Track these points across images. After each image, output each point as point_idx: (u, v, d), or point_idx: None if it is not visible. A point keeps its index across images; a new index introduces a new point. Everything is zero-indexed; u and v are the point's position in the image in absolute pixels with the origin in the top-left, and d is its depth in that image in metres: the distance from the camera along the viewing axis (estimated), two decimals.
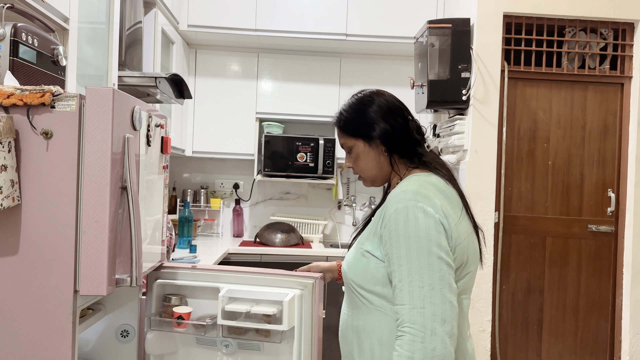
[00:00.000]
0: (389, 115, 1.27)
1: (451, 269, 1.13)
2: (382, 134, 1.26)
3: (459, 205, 1.23)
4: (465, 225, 1.22)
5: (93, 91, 1.31)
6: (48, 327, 1.31)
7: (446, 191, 1.22)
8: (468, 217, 1.24)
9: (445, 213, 1.16)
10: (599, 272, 3.05)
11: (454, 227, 1.16)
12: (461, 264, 1.18)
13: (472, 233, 1.24)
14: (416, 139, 1.28)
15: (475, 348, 3.02)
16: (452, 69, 2.96)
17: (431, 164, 1.27)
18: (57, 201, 1.31)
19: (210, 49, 3.78)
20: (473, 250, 1.23)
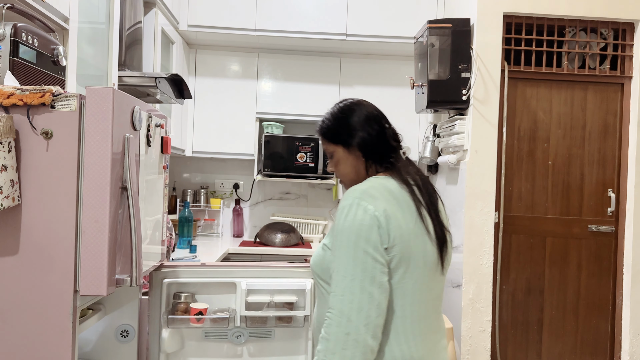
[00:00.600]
0: (366, 124, 1.37)
1: (377, 263, 1.19)
2: (359, 142, 1.36)
3: (410, 209, 1.26)
4: (413, 229, 1.24)
5: (93, 91, 1.31)
6: (48, 327, 1.31)
7: (398, 194, 1.27)
8: (422, 223, 1.26)
9: (388, 213, 1.21)
10: (599, 272, 3.05)
11: (395, 227, 1.21)
12: (402, 263, 1.22)
13: (423, 237, 1.26)
14: (391, 146, 1.37)
15: (475, 348, 3.01)
16: (452, 69, 2.96)
17: (399, 170, 1.33)
18: (57, 201, 1.31)
19: (210, 49, 3.78)
20: (421, 254, 1.24)
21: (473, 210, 2.92)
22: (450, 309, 3.10)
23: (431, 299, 1.29)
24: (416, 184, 1.32)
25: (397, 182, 1.29)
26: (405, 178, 1.31)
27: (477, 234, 2.91)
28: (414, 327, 1.25)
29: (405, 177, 1.31)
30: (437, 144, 3.40)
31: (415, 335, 1.25)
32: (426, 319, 1.27)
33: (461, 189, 2.98)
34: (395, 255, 1.21)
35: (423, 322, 1.26)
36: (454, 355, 2.74)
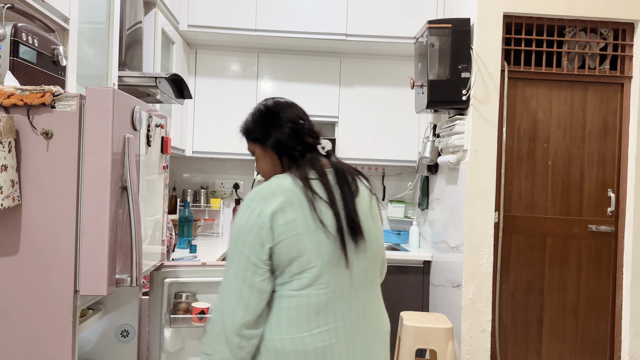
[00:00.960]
0: (278, 123, 1.41)
1: (249, 264, 1.25)
2: (272, 141, 1.41)
3: (302, 205, 1.28)
4: (305, 224, 1.26)
5: (93, 91, 1.31)
6: (48, 327, 1.31)
7: (290, 191, 1.29)
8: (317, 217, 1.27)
9: (275, 212, 1.26)
10: (599, 272, 3.05)
11: (282, 225, 1.25)
12: (294, 258, 1.25)
13: (317, 231, 1.27)
14: (305, 143, 1.40)
15: (475, 348, 3.02)
16: (452, 69, 2.96)
17: (300, 166, 1.36)
18: (57, 201, 1.31)
19: (210, 49, 3.78)
20: (314, 247, 1.26)
21: (473, 210, 2.92)
22: (450, 309, 3.10)
23: (334, 292, 1.28)
24: (320, 179, 1.33)
25: (293, 179, 1.31)
26: (303, 174, 1.32)
27: (477, 234, 2.91)
28: (312, 320, 1.26)
29: (304, 173, 1.32)
30: (437, 144, 3.40)
31: (308, 327, 1.26)
32: (326, 312, 1.27)
33: (461, 189, 2.98)
34: (282, 252, 1.25)
35: (327, 315, 1.27)
36: (453, 356, 2.74)
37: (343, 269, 1.30)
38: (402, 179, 4.10)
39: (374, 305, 1.39)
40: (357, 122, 3.80)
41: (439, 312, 3.23)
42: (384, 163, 3.85)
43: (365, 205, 1.38)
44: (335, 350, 1.28)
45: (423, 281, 3.54)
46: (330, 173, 1.36)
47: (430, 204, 3.64)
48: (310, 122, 1.45)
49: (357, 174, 1.43)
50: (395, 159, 3.82)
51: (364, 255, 1.34)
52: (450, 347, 2.74)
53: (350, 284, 1.31)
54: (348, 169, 1.41)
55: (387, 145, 3.81)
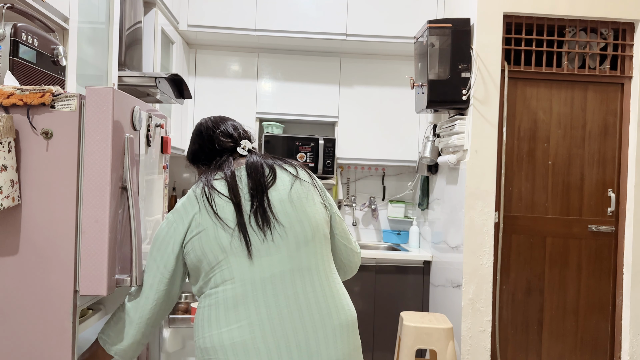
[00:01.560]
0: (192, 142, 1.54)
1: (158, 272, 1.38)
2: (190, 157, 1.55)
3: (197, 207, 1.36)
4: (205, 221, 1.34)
5: (93, 91, 1.31)
6: (48, 327, 1.31)
7: (190, 196, 1.39)
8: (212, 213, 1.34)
9: (181, 215, 1.37)
10: (599, 272, 3.05)
11: (187, 225, 1.35)
12: (202, 256, 1.33)
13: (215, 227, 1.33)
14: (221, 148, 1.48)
15: (475, 348, 3.01)
16: (452, 69, 2.96)
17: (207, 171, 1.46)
18: (57, 201, 1.31)
19: (210, 48, 3.78)
20: (215, 242, 1.32)
21: (473, 210, 2.92)
22: (450, 309, 3.10)
23: (252, 283, 1.29)
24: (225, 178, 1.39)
25: (195, 185, 1.41)
26: (206, 177, 1.40)
27: (477, 234, 2.91)
28: (230, 315, 1.29)
29: (207, 176, 1.41)
30: (437, 144, 3.40)
31: (228, 322, 1.28)
32: (244, 306, 1.28)
33: (461, 189, 2.98)
34: (192, 251, 1.34)
35: (240, 309, 1.28)
36: (453, 356, 2.74)
37: (251, 260, 1.31)
38: (402, 179, 4.10)
39: (320, 293, 1.33)
40: (357, 122, 3.80)
41: (439, 312, 3.23)
42: (384, 163, 3.85)
43: (283, 191, 1.39)
44: (257, 345, 1.25)
45: (423, 281, 3.54)
46: (240, 170, 1.41)
47: (430, 204, 3.64)
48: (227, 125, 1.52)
49: (280, 163, 1.46)
50: (395, 159, 3.82)
51: (283, 241, 1.33)
52: (451, 347, 2.74)
53: (267, 273, 1.30)
54: (267, 161, 1.45)
55: (387, 145, 3.81)
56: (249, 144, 1.47)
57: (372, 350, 3.50)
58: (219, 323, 1.29)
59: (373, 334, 3.50)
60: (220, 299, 1.30)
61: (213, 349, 1.29)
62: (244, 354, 1.26)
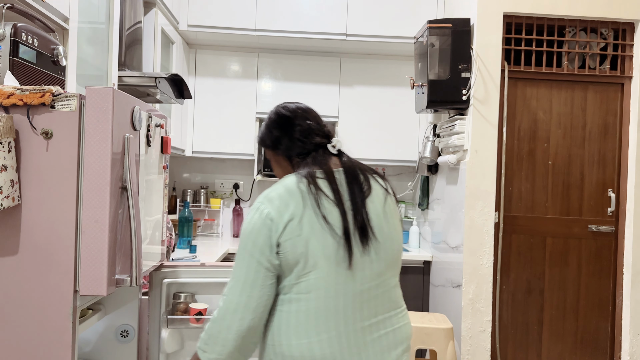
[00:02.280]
0: (286, 128, 1.41)
1: (261, 267, 1.24)
2: (280, 145, 1.42)
3: (307, 203, 1.26)
4: (310, 223, 1.24)
5: (93, 91, 1.31)
6: (48, 327, 1.31)
7: (295, 191, 1.27)
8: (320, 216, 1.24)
9: (281, 210, 1.25)
10: (599, 272, 3.05)
11: (288, 222, 1.23)
12: (300, 259, 1.23)
13: (322, 231, 1.24)
14: (314, 143, 1.39)
15: (475, 348, 3.01)
16: (452, 69, 2.96)
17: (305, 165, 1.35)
18: (57, 201, 1.31)
19: (210, 49, 3.78)
20: (320, 248, 1.23)
21: (473, 210, 2.91)
22: (450, 309, 3.10)
23: (344, 295, 1.24)
24: (327, 177, 1.30)
25: (297, 178, 1.30)
26: (310, 172, 1.30)
27: (477, 234, 2.91)
28: (320, 325, 1.22)
29: (310, 171, 1.30)
30: (437, 144, 3.40)
31: (317, 332, 1.22)
32: (343, 315, 1.23)
33: (461, 189, 2.98)
34: (292, 252, 1.23)
35: (337, 319, 1.23)
36: (454, 356, 2.74)
37: (350, 271, 1.25)
38: (402, 179, 4.10)
39: (393, 309, 1.32)
40: (357, 122, 3.80)
41: (439, 312, 3.23)
42: (384, 163, 3.85)
43: (379, 205, 1.33)
44: (344, 357, 1.23)
45: (423, 281, 3.54)
46: (339, 172, 1.33)
47: (431, 204, 3.64)
48: (318, 122, 1.43)
49: (371, 172, 1.39)
50: (395, 159, 3.82)
51: (376, 257, 1.29)
52: (451, 347, 2.74)
53: (359, 288, 1.26)
54: (361, 167, 1.38)
55: (387, 145, 3.81)
56: (340, 143, 1.40)
57: None
58: (308, 332, 1.22)
59: None
60: (311, 306, 1.23)
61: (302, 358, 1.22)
62: None
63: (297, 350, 1.22)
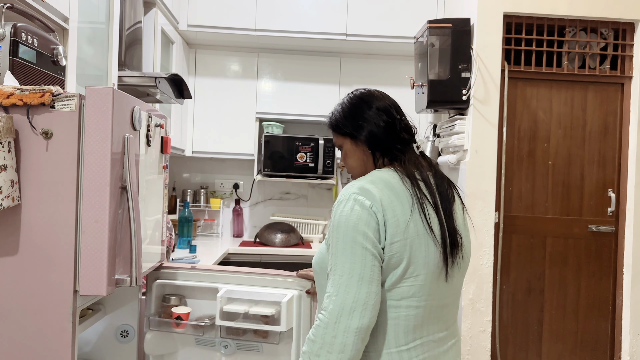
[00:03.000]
0: (373, 116, 1.28)
1: (376, 261, 1.13)
2: (365, 134, 1.28)
3: (411, 205, 1.18)
4: (414, 226, 1.16)
5: (93, 91, 1.31)
6: (48, 327, 1.31)
7: (398, 189, 1.19)
8: (425, 220, 1.18)
9: (385, 207, 1.15)
10: (599, 272, 3.05)
11: (394, 224, 1.14)
12: (401, 263, 1.15)
13: (425, 236, 1.17)
14: (401, 139, 1.29)
15: (475, 348, 3.01)
16: (452, 69, 2.95)
17: (405, 163, 1.25)
18: (57, 201, 1.31)
19: (210, 48, 3.78)
20: (423, 254, 1.16)
21: (473, 210, 2.91)
22: None
23: (434, 306, 1.19)
24: (424, 180, 1.23)
25: (400, 176, 1.21)
26: (410, 172, 1.22)
27: (478, 234, 2.91)
28: (409, 334, 1.17)
29: (411, 171, 1.22)
30: (437, 144, 3.40)
31: (408, 342, 1.17)
32: (426, 326, 1.19)
33: (461, 189, 2.98)
34: (395, 254, 1.14)
35: (422, 329, 1.18)
36: None
37: (442, 282, 1.20)
38: None
39: (454, 323, 1.30)
40: None
41: None
42: None
43: (459, 215, 1.29)
44: None
45: None
46: (431, 176, 1.26)
47: None
48: (405, 117, 1.32)
49: (448, 180, 1.33)
50: None
51: (459, 269, 1.25)
52: None
53: (444, 300, 1.22)
54: (442, 174, 1.32)
55: None
56: (424, 143, 1.32)
57: None
58: (397, 340, 1.17)
59: None
60: (402, 315, 1.16)
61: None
62: None
63: (388, 358, 1.17)
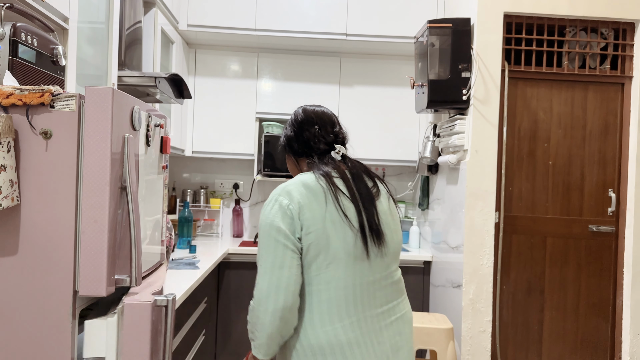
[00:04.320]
0: (290, 128, 1.58)
1: (288, 250, 1.34)
2: (290, 147, 1.58)
3: (326, 199, 1.38)
4: (330, 217, 1.36)
5: (92, 91, 1.31)
6: (48, 327, 1.31)
7: (314, 187, 1.40)
8: (341, 211, 1.38)
9: (301, 205, 1.36)
10: (600, 272, 3.05)
11: (310, 215, 1.35)
12: (321, 249, 1.35)
13: (342, 225, 1.37)
14: (319, 148, 1.53)
15: (475, 348, 3.01)
16: (452, 69, 2.95)
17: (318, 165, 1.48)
18: (57, 201, 1.30)
19: (210, 48, 3.78)
20: (341, 239, 1.36)
21: (473, 210, 2.91)
22: (450, 309, 3.10)
23: (363, 284, 1.38)
24: (341, 177, 1.45)
25: (316, 177, 1.42)
26: (326, 172, 1.43)
27: (477, 234, 2.91)
28: (342, 312, 1.35)
29: (326, 172, 1.44)
30: (437, 144, 3.40)
31: (342, 319, 1.35)
32: (360, 303, 1.37)
33: (461, 189, 2.98)
34: (313, 242, 1.34)
35: (355, 306, 1.36)
36: (454, 356, 2.73)
37: (365, 263, 1.39)
38: (402, 179, 4.10)
39: (399, 297, 1.48)
40: (357, 122, 3.80)
41: (440, 313, 3.22)
42: (384, 163, 3.85)
43: (385, 204, 1.49)
44: (365, 341, 1.36)
45: (423, 281, 3.54)
46: (349, 174, 1.47)
47: (431, 204, 3.63)
48: (327, 129, 1.56)
49: (376, 175, 1.54)
50: (396, 159, 3.82)
51: (386, 251, 1.43)
52: (451, 347, 2.74)
53: (372, 278, 1.40)
54: (367, 170, 1.53)
55: (387, 145, 3.81)
56: (343, 149, 1.55)
57: None
58: (332, 319, 1.35)
59: None
60: (332, 296, 1.35)
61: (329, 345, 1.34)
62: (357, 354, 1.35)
63: (325, 338, 1.34)
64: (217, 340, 3.45)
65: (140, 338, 1.34)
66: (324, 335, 1.33)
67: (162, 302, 1.44)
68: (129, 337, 1.34)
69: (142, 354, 1.33)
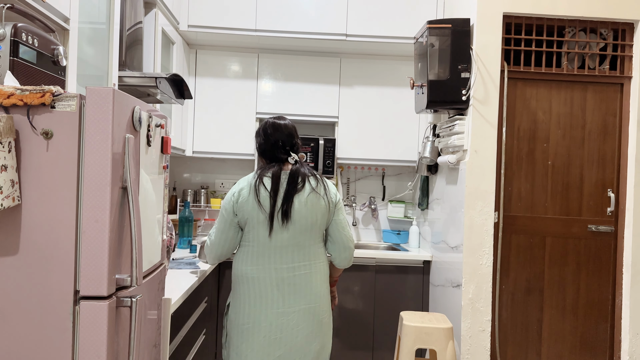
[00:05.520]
0: (263, 140, 2.19)
1: (225, 222, 2.11)
2: (257, 147, 2.24)
3: (251, 191, 2.07)
4: (252, 203, 2.06)
5: (93, 91, 1.31)
6: (48, 327, 1.32)
7: (249, 183, 2.10)
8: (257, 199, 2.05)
9: (242, 193, 2.08)
10: (599, 272, 3.05)
11: (243, 201, 2.07)
12: (246, 222, 2.08)
13: (258, 208, 2.05)
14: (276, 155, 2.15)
15: (475, 348, 3.01)
16: (452, 69, 2.96)
17: (266, 169, 2.12)
18: (57, 201, 1.31)
19: (211, 49, 3.78)
20: (255, 218, 2.06)
21: (473, 210, 2.92)
22: (450, 308, 3.10)
23: (271, 247, 2.07)
24: (274, 176, 2.08)
25: (253, 175, 2.12)
26: (263, 173, 2.10)
27: (477, 234, 2.92)
28: (253, 257, 2.09)
29: (264, 173, 2.10)
30: (437, 144, 3.41)
31: (253, 261, 2.09)
32: (267, 257, 2.07)
33: (461, 189, 2.98)
34: (241, 218, 2.08)
35: (264, 258, 2.07)
36: (453, 355, 2.74)
37: (274, 234, 2.06)
38: (402, 179, 4.10)
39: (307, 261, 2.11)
40: (357, 122, 3.80)
41: (439, 312, 3.23)
42: (384, 163, 3.85)
43: (303, 197, 2.08)
44: (266, 279, 2.07)
45: (423, 281, 3.55)
46: (285, 174, 2.10)
47: (430, 204, 3.64)
48: (284, 141, 2.16)
49: (309, 176, 2.13)
50: (395, 159, 3.83)
51: (292, 227, 2.06)
52: (450, 347, 2.74)
53: (277, 244, 2.07)
54: (302, 173, 2.11)
55: (387, 145, 3.81)
56: (297, 157, 2.14)
57: (372, 350, 3.51)
58: (246, 262, 2.10)
59: (373, 334, 3.51)
60: (249, 249, 2.10)
61: (242, 276, 2.09)
62: (256, 282, 2.08)
63: (242, 271, 2.10)
64: (217, 340, 3.45)
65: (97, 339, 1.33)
66: (242, 271, 2.10)
67: (127, 302, 1.43)
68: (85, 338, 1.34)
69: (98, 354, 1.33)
